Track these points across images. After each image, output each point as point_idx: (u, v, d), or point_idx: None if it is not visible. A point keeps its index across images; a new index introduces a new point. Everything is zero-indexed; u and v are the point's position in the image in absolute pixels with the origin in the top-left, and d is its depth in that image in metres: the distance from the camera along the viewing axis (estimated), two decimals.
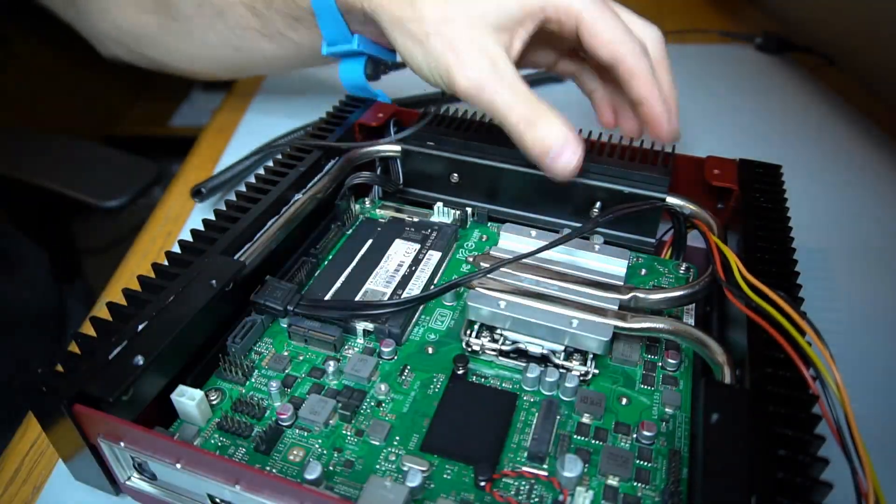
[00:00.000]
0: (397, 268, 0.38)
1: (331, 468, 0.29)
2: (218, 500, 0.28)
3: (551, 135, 0.35)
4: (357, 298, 0.36)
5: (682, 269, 0.39)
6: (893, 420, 0.36)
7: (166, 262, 0.34)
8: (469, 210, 0.43)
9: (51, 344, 0.66)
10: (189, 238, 0.35)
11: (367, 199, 0.46)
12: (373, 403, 0.32)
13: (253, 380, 0.33)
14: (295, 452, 0.30)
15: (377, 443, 0.30)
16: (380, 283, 0.37)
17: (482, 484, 0.28)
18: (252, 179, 0.40)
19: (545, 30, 0.40)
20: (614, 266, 0.36)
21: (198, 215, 0.52)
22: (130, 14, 0.50)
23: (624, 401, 0.32)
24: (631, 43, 0.38)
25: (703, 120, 0.65)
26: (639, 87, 0.38)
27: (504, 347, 0.33)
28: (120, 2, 0.50)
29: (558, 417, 0.31)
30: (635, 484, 0.28)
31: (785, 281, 0.31)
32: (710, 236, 0.36)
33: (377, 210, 0.45)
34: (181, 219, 0.52)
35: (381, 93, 0.51)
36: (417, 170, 0.44)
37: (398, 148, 0.44)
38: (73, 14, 0.55)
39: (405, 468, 0.29)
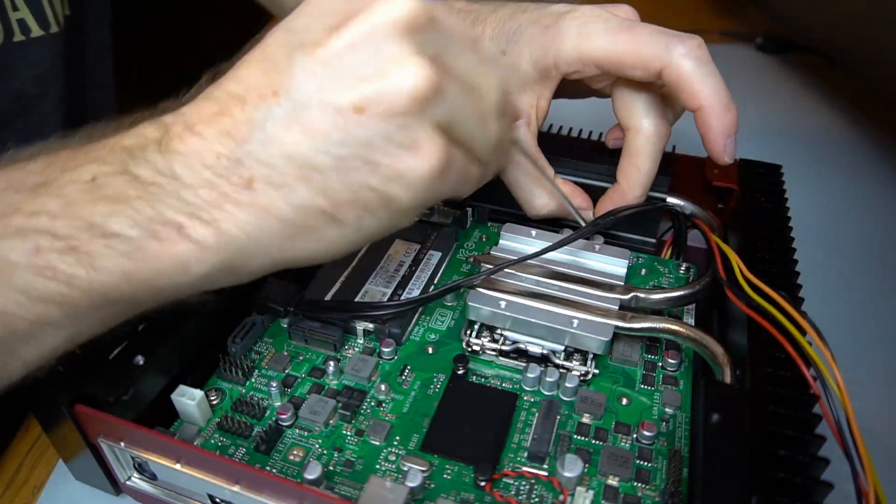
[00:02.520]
0: (397, 268, 0.38)
1: (331, 468, 0.29)
2: (218, 500, 0.28)
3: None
4: (357, 299, 0.36)
5: (683, 269, 0.39)
6: (894, 420, 0.36)
7: None
8: (469, 210, 0.43)
9: None
10: None
11: None
12: (373, 403, 0.32)
13: (253, 380, 0.33)
14: (295, 452, 0.30)
15: (377, 443, 0.30)
16: (380, 284, 0.37)
17: (482, 484, 0.28)
18: None
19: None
20: (614, 266, 0.36)
21: None
22: None
23: (624, 401, 0.32)
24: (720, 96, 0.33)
25: None
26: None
27: (504, 347, 0.33)
28: None
29: (558, 417, 0.31)
30: (635, 484, 0.28)
31: (785, 280, 0.31)
32: (710, 236, 0.36)
33: None
34: None
35: None
36: None
37: None
38: None
39: (405, 468, 0.28)
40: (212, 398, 0.32)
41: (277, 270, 0.25)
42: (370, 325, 0.35)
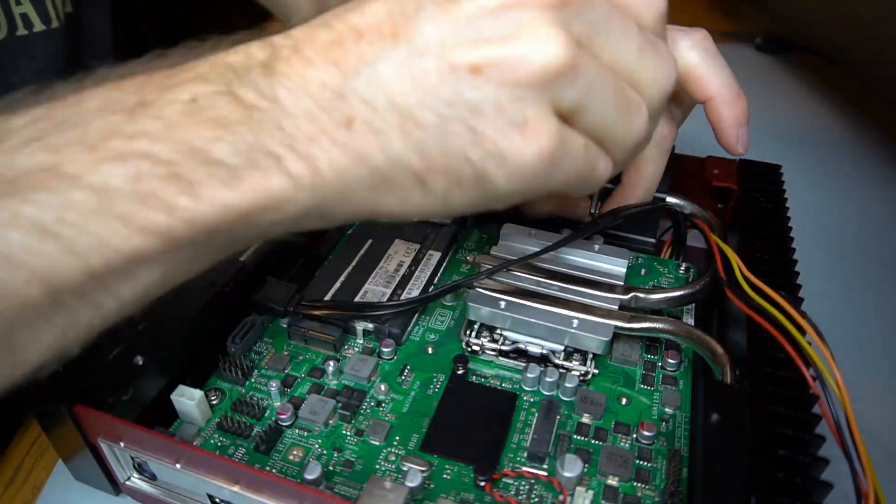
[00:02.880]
0: (397, 268, 0.38)
1: (331, 468, 0.29)
2: (218, 500, 0.28)
3: None
4: (357, 299, 0.36)
5: (682, 269, 0.39)
6: (894, 420, 0.36)
7: None
8: None
9: None
10: None
11: None
12: (373, 403, 0.32)
13: (253, 380, 0.33)
14: (295, 452, 0.30)
15: (377, 443, 0.30)
16: (380, 284, 0.37)
17: (482, 484, 0.28)
18: None
19: None
20: (614, 266, 0.36)
21: None
22: None
23: (624, 401, 0.32)
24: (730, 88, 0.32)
25: (703, 120, 0.65)
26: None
27: (504, 347, 0.33)
28: None
29: (558, 417, 0.31)
30: (635, 484, 0.28)
31: (785, 280, 0.31)
32: (710, 236, 0.36)
33: None
34: None
35: None
36: None
37: None
38: None
39: (405, 468, 0.28)
40: (211, 398, 0.32)
41: (361, 220, 0.24)
42: (370, 325, 0.35)
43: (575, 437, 0.30)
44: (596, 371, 0.33)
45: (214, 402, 0.32)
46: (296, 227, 0.22)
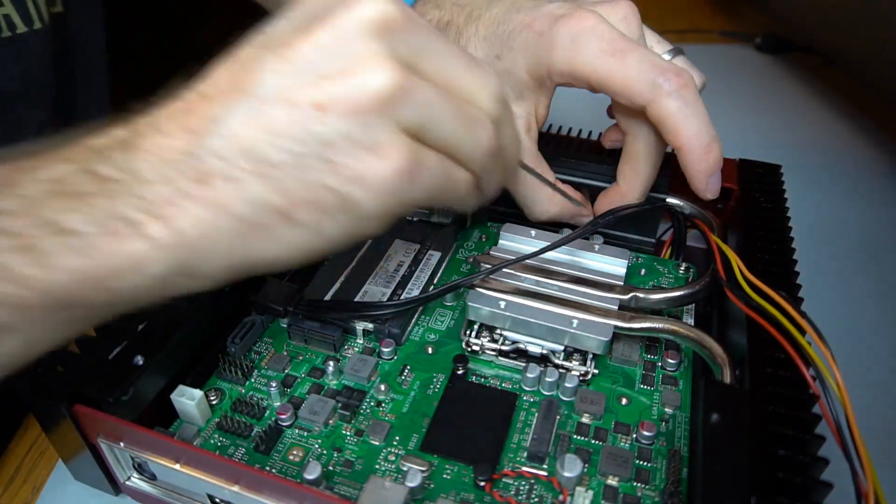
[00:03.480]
0: (397, 268, 0.38)
1: (330, 468, 0.29)
2: (218, 500, 0.28)
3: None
4: (357, 299, 0.36)
5: (682, 269, 0.39)
6: (894, 420, 0.36)
7: None
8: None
9: None
10: None
11: None
12: (372, 403, 0.32)
13: (252, 380, 0.33)
14: (294, 452, 0.30)
15: (377, 443, 0.30)
16: (380, 284, 0.37)
17: (482, 484, 0.28)
18: None
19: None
20: (614, 266, 0.36)
21: None
22: None
23: (624, 401, 0.32)
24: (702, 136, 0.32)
25: None
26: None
27: (504, 347, 0.33)
28: None
29: (558, 417, 0.31)
30: (635, 484, 0.28)
31: (785, 280, 0.31)
32: (710, 236, 0.36)
33: None
34: None
35: None
36: None
37: None
38: None
39: (405, 468, 0.28)
40: (211, 398, 0.32)
41: (238, 277, 0.24)
42: (370, 325, 0.35)
43: (575, 437, 0.30)
44: (596, 371, 0.33)
45: (214, 402, 0.32)
46: (162, 288, 0.22)
